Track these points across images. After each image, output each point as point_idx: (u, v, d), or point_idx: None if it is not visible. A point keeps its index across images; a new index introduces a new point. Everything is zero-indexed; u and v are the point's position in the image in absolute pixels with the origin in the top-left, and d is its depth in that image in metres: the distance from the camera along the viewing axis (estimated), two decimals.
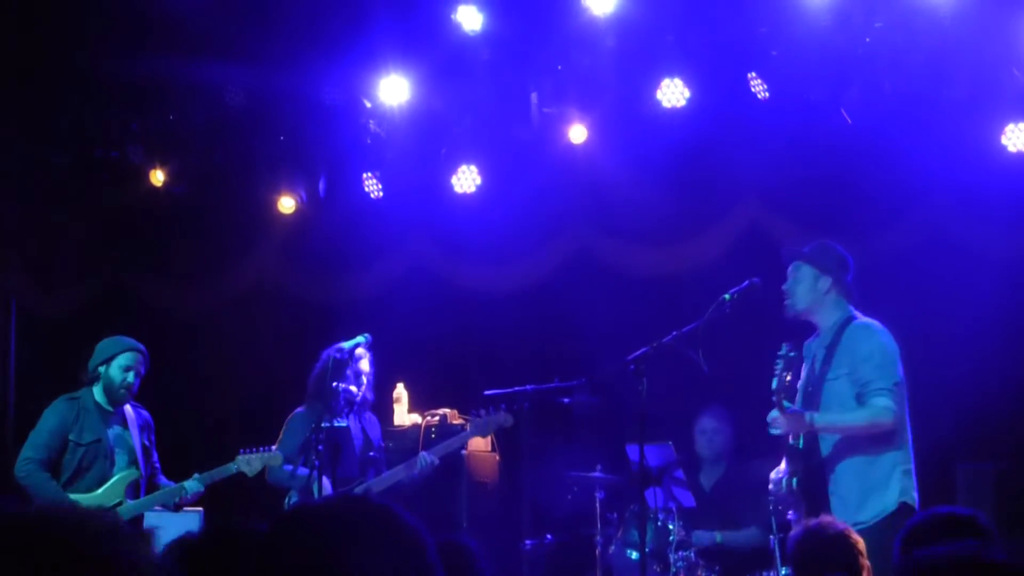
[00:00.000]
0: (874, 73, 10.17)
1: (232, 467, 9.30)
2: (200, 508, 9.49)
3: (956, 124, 10.18)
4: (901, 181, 10.58)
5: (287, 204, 11.78)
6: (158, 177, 11.81)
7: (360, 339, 9.18)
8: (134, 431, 9.29)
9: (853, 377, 7.62)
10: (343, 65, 10.96)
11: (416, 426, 10.57)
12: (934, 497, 9.70)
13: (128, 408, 9.36)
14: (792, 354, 7.60)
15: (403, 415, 10.90)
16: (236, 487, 9.64)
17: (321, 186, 11.61)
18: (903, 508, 7.47)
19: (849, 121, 10.37)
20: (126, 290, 12.52)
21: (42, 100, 11.48)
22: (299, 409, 9.69)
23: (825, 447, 7.72)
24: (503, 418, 9.73)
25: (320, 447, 8.74)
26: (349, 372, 9.44)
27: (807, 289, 7.86)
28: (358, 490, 8.98)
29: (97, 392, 9.25)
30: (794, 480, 7.83)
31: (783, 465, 7.87)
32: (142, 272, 12.53)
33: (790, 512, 7.83)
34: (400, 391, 11.01)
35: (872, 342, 7.66)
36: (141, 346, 9.37)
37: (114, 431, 9.22)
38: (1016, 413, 10.33)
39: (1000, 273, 10.39)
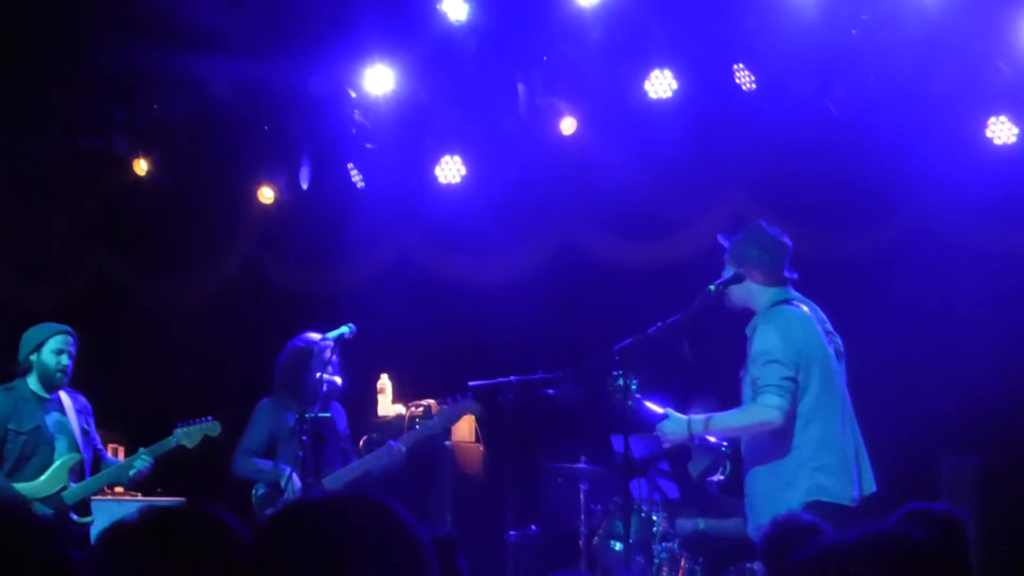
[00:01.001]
0: (860, 66, 10.19)
1: (171, 441, 9.28)
2: (182, 498, 9.47)
3: (942, 117, 10.21)
4: (887, 173, 10.61)
5: (267, 194, 11.78)
6: (142, 167, 11.79)
7: (344, 329, 9.12)
8: (72, 416, 9.25)
9: (751, 376, 7.46)
10: (328, 55, 10.95)
11: (400, 417, 10.55)
12: (918, 490, 9.74)
13: (63, 395, 9.30)
14: (621, 382, 7.51)
15: (387, 406, 10.89)
16: (201, 478, 9.62)
17: (306, 176, 11.60)
18: (813, 507, 7.02)
19: (835, 113, 10.39)
20: (110, 280, 12.49)
21: (27, 90, 11.44)
22: (264, 400, 9.63)
23: (743, 447, 7.63)
24: (470, 406, 9.70)
25: (304, 437, 8.71)
26: (316, 362, 9.39)
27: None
28: (325, 481, 8.97)
29: (32, 381, 9.18)
30: (714, 480, 7.82)
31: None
32: (126, 262, 12.51)
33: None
34: (384, 382, 11.00)
35: (764, 339, 7.40)
36: (68, 328, 9.30)
37: (52, 417, 9.16)
38: (1001, 408, 10.34)
39: (986, 267, 10.42)
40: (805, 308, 7.61)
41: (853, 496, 7.32)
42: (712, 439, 8.00)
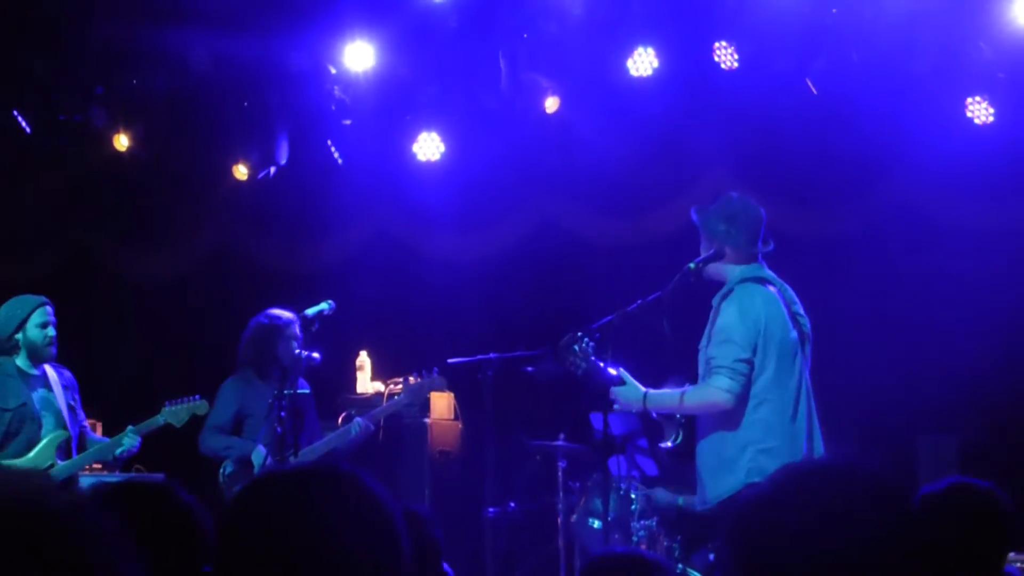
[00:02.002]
0: (841, 43, 10.19)
1: (159, 419, 9.26)
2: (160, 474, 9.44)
3: (923, 96, 10.22)
4: (869, 151, 10.62)
5: (242, 171, 11.74)
6: (122, 142, 11.76)
7: (324, 305, 9.10)
8: (58, 392, 9.20)
9: (707, 352, 7.41)
10: (309, 31, 10.91)
11: (379, 394, 10.55)
12: (897, 468, 9.75)
13: (49, 369, 9.25)
14: (576, 347, 7.53)
15: (366, 383, 10.89)
16: (171, 456, 9.61)
17: (285, 152, 11.57)
18: (749, 489, 7.13)
19: (815, 91, 10.39)
20: (89, 255, 12.45)
21: (5, 63, 11.38)
22: (229, 378, 9.63)
23: (697, 420, 7.60)
24: (436, 382, 9.71)
25: (283, 413, 8.69)
26: (285, 339, 9.40)
27: (705, 252, 7.66)
28: (294, 459, 8.95)
29: (19, 359, 9.12)
30: (663, 447, 7.85)
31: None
32: (105, 237, 12.46)
33: None
34: (363, 359, 10.99)
35: (725, 317, 7.35)
36: (44, 298, 9.21)
37: (38, 394, 9.10)
38: (980, 385, 10.37)
39: (967, 245, 10.45)
40: (773, 288, 7.54)
41: None
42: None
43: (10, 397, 8.99)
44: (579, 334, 7.56)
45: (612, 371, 7.57)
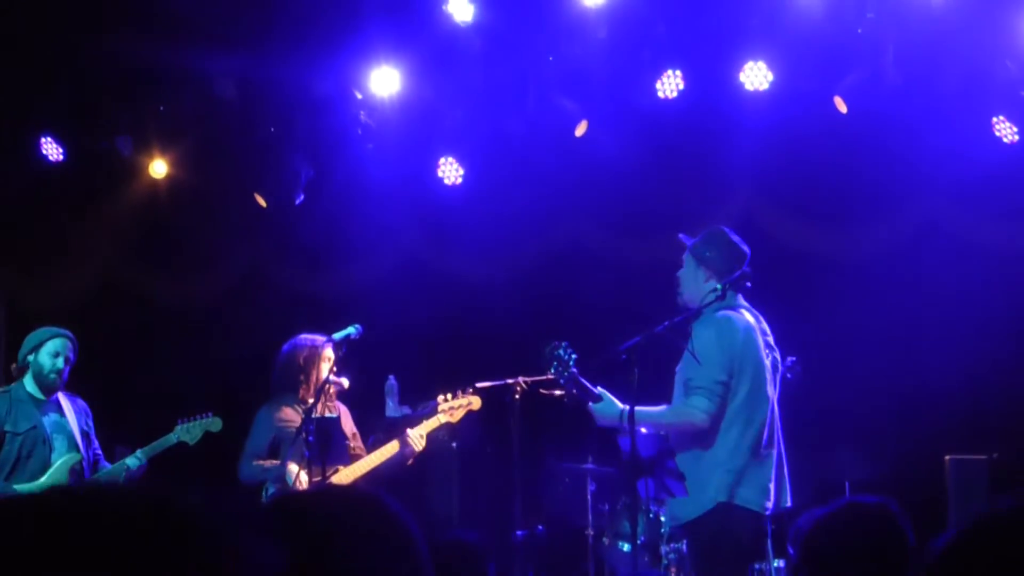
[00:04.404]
0: (867, 64, 10.17)
1: (172, 437, 9.28)
2: None
3: (950, 115, 10.19)
4: (895, 172, 10.60)
5: (262, 200, 11.74)
6: (157, 169, 11.83)
7: (350, 330, 9.13)
8: (71, 417, 9.23)
9: (685, 374, 7.56)
10: (335, 56, 10.96)
11: (407, 418, 10.53)
12: (926, 488, 9.72)
13: (63, 398, 9.28)
14: (560, 352, 7.79)
15: (394, 407, 10.87)
16: (214, 481, 9.62)
17: (311, 177, 11.60)
18: (719, 507, 7.36)
19: (844, 110, 10.36)
20: (117, 282, 12.49)
21: (33, 91, 11.44)
22: (264, 405, 9.65)
23: (672, 440, 7.70)
24: (471, 400, 9.73)
25: (311, 439, 8.71)
26: (317, 363, 9.43)
27: (688, 278, 7.87)
28: (334, 479, 8.97)
29: (28, 383, 9.15)
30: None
31: None
32: (133, 264, 12.50)
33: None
34: (391, 383, 10.98)
35: (703, 339, 7.48)
36: (68, 332, 9.28)
37: (50, 418, 9.12)
38: (1009, 403, 10.33)
39: (994, 264, 10.41)
40: (750, 317, 7.68)
41: (764, 504, 7.42)
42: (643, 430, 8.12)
43: (20, 421, 9.05)
44: (557, 342, 7.85)
45: (596, 390, 7.77)
